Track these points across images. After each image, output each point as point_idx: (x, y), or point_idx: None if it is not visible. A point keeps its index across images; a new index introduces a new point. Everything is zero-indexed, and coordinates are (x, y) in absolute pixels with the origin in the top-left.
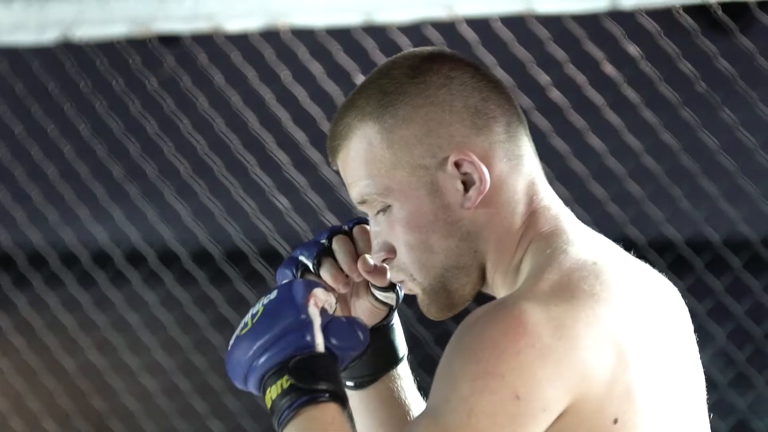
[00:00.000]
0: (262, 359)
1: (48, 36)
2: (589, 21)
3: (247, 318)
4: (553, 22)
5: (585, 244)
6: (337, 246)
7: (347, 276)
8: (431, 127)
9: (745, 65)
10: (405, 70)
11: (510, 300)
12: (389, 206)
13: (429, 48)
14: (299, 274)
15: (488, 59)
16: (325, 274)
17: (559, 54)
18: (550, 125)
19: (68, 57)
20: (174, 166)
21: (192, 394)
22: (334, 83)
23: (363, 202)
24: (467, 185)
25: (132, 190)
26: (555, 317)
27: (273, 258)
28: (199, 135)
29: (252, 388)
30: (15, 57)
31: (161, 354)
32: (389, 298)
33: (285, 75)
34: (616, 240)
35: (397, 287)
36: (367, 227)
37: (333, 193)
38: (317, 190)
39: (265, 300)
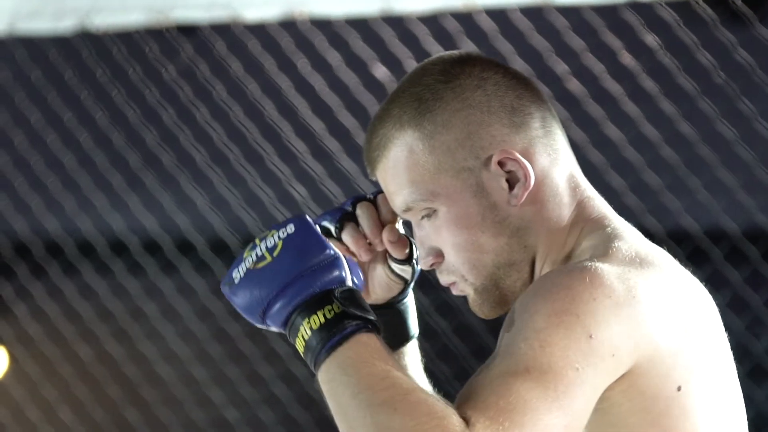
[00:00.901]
0: (291, 293)
1: (65, 24)
2: (608, 11)
3: (260, 251)
4: (571, 12)
5: (633, 230)
6: (361, 212)
7: (369, 243)
8: (471, 129)
9: (763, 55)
10: (437, 75)
11: (584, 261)
12: (435, 211)
13: (455, 52)
14: None
15: (506, 49)
16: (347, 238)
17: (577, 44)
18: (568, 115)
19: (85, 45)
20: (191, 155)
21: (208, 383)
22: (352, 72)
23: (408, 210)
24: (512, 183)
25: (149, 178)
26: (628, 279)
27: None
28: (216, 124)
29: (273, 322)
30: (32, 45)
31: (178, 343)
32: (405, 271)
33: (303, 64)
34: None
35: (413, 261)
36: (367, 203)
37: (350, 183)
38: (334, 180)
39: (280, 233)
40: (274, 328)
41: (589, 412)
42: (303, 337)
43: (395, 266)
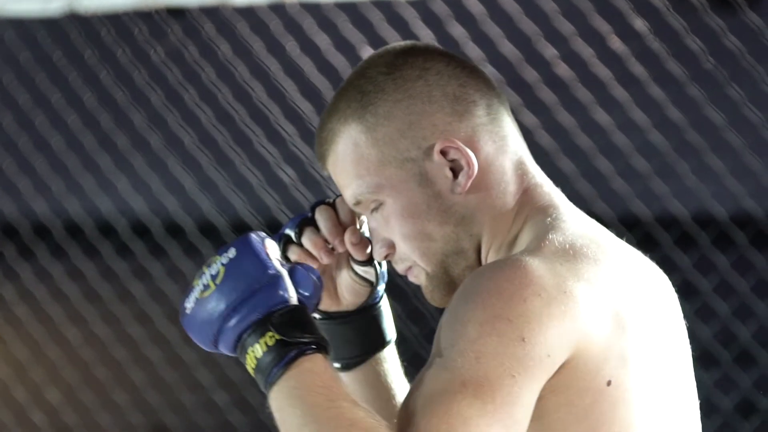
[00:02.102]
0: (235, 319)
1: (54, 6)
2: None
3: (205, 279)
4: None
5: (581, 219)
6: (319, 215)
7: (328, 244)
8: (413, 119)
9: (752, 41)
10: (381, 68)
11: (515, 256)
12: (382, 203)
13: (402, 43)
14: (282, 246)
15: (495, 32)
16: (306, 242)
17: (566, 28)
18: (557, 99)
19: (74, 27)
20: (179, 137)
21: (197, 365)
22: (341, 55)
23: (358, 203)
24: (456, 171)
25: (137, 160)
26: (559, 274)
27: (279, 230)
28: (205, 106)
29: (225, 349)
30: (21, 27)
31: (166, 325)
32: (369, 273)
33: (291, 47)
34: (621, 215)
35: (376, 263)
36: (326, 206)
37: None
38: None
39: (222, 259)
40: (227, 353)
41: (529, 417)
42: (251, 363)
43: (358, 268)
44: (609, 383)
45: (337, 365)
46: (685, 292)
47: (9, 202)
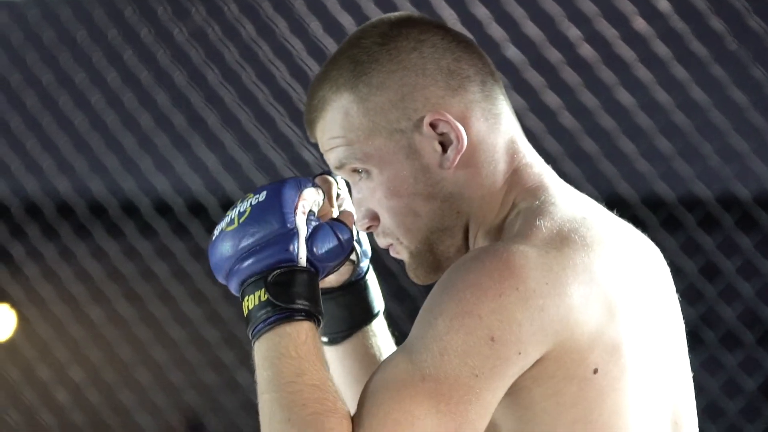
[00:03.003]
0: (245, 264)
1: None
2: None
3: (234, 214)
4: None
5: (572, 200)
6: (321, 181)
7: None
8: (405, 91)
9: None
10: (375, 38)
11: (501, 243)
12: (369, 173)
13: (397, 14)
14: None
15: (518, 13)
16: None
17: (590, 8)
18: (580, 80)
19: (99, 5)
20: (203, 117)
21: (220, 344)
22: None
23: (340, 166)
24: (445, 146)
25: (161, 140)
26: (544, 263)
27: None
28: (229, 85)
29: (232, 288)
30: (44, 6)
31: (189, 305)
32: None
33: (315, 27)
34: (644, 196)
35: (355, 243)
36: (329, 178)
37: None
38: None
39: (253, 200)
40: (233, 292)
41: (487, 417)
42: (245, 311)
43: None
44: (596, 371)
45: (324, 339)
46: (709, 273)
47: (32, 181)
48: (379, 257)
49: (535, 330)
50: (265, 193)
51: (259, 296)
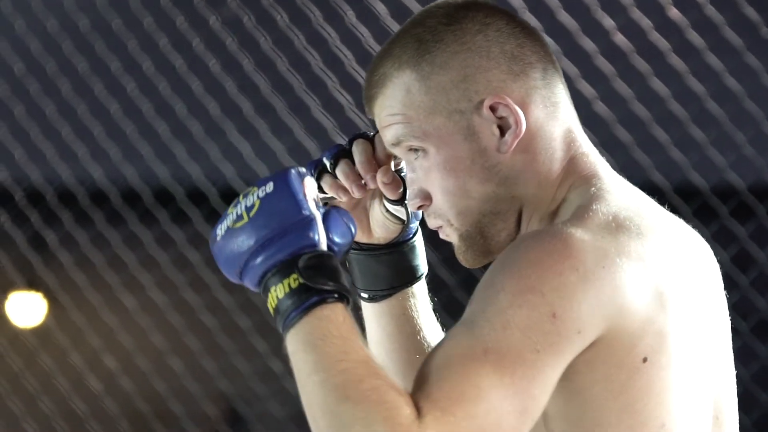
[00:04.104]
0: (263, 256)
1: None
2: None
3: (240, 210)
4: None
5: (626, 189)
6: (356, 148)
7: (361, 178)
8: (468, 72)
9: None
10: (440, 18)
11: (558, 226)
12: (425, 151)
13: None
14: (317, 174)
15: (553, 2)
16: (340, 173)
17: None
18: (614, 69)
19: None
20: (238, 106)
21: (252, 332)
22: (398, 24)
23: (397, 144)
24: (503, 130)
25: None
26: (600, 247)
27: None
28: (263, 73)
29: (249, 284)
30: None
31: (223, 293)
32: (400, 212)
33: (350, 15)
34: (678, 185)
35: (406, 203)
36: (364, 140)
37: None
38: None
39: (260, 192)
40: (249, 287)
41: (548, 394)
42: (272, 302)
43: (390, 206)
44: (645, 360)
45: (364, 296)
46: (742, 262)
47: (67, 169)
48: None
49: (593, 311)
50: (271, 184)
51: (289, 284)
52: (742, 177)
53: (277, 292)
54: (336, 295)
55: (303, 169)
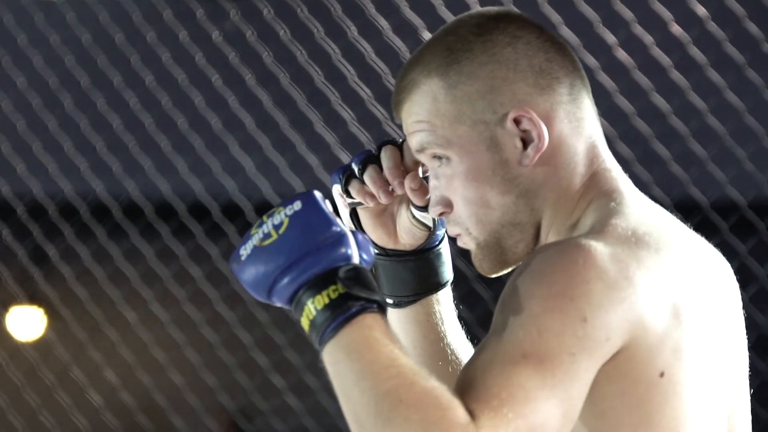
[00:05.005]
0: (296, 272)
1: None
2: None
3: (267, 228)
4: None
5: (645, 204)
6: (384, 154)
7: (389, 184)
8: (495, 84)
9: None
10: (471, 28)
11: (578, 238)
12: (449, 159)
13: (495, 8)
14: (344, 179)
15: (555, 18)
16: (367, 179)
17: (627, 14)
18: (615, 85)
19: (138, 7)
20: (239, 119)
21: (252, 347)
22: (400, 39)
23: (421, 150)
24: (526, 143)
25: (197, 141)
26: (621, 259)
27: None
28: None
29: (279, 300)
30: (82, 8)
31: (223, 307)
32: (426, 218)
33: (352, 30)
34: (678, 201)
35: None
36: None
37: None
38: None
39: (287, 211)
40: (279, 304)
41: (584, 397)
42: (308, 315)
43: (417, 213)
44: (662, 375)
45: (389, 301)
46: (742, 278)
47: (68, 183)
48: None
49: (619, 319)
50: (299, 202)
51: (328, 294)
52: (742, 193)
53: (315, 304)
54: (376, 306)
55: (320, 194)
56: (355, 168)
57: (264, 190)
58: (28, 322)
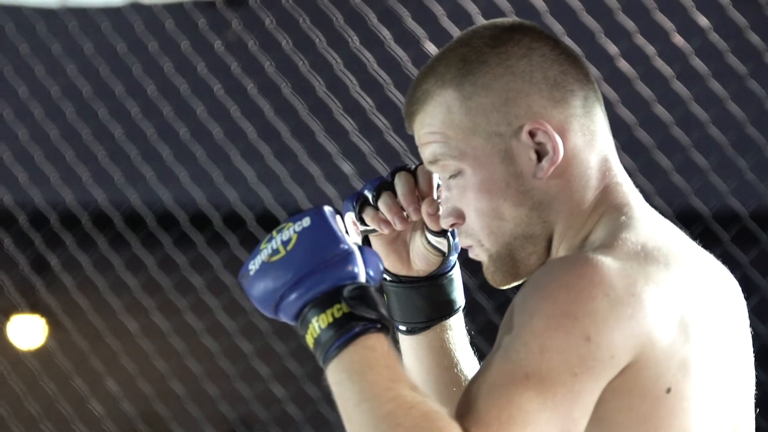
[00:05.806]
0: (303, 288)
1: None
2: None
3: (275, 244)
4: None
5: (654, 219)
6: (398, 180)
7: (403, 210)
8: (510, 96)
9: None
10: (486, 39)
11: (587, 253)
12: (462, 171)
13: (510, 19)
14: (358, 207)
15: (557, 28)
16: (382, 206)
17: (629, 24)
18: (617, 96)
19: (139, 16)
20: (241, 129)
21: (253, 356)
22: (402, 49)
23: (434, 162)
24: (540, 155)
25: (198, 151)
26: (629, 275)
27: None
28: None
29: (285, 316)
30: (84, 18)
31: (224, 316)
32: (441, 243)
33: (354, 40)
34: (679, 211)
35: (449, 234)
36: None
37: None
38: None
39: (296, 227)
40: (286, 320)
41: (587, 418)
42: (312, 333)
43: (432, 238)
44: (668, 390)
45: (402, 328)
46: (744, 289)
47: (69, 192)
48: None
49: (625, 337)
50: (308, 218)
51: (332, 313)
52: (744, 203)
53: (320, 323)
54: (379, 325)
55: (331, 209)
56: (369, 195)
57: (265, 200)
58: (29, 331)
